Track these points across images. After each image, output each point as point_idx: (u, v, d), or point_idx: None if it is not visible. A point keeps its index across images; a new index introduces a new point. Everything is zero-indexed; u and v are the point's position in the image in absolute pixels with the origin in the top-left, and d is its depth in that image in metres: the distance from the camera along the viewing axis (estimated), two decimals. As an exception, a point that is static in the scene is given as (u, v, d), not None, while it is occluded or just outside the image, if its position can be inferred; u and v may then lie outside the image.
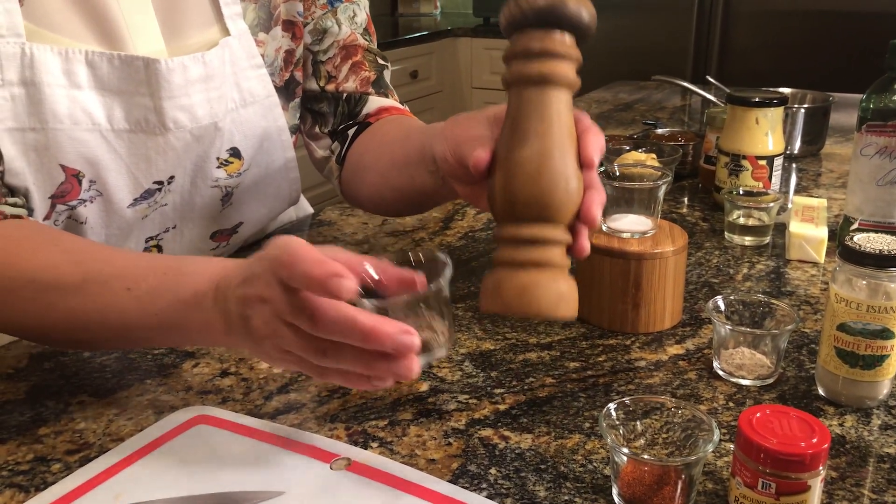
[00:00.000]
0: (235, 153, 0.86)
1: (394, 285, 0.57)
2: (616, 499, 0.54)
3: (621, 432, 0.56)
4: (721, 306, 0.72)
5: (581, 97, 1.95)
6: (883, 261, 0.61)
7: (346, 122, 0.95)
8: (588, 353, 0.74)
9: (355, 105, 0.94)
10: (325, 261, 0.49)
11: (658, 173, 0.83)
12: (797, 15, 2.58)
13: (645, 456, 0.55)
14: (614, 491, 0.54)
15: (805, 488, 0.50)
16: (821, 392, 0.67)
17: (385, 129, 0.91)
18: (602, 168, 0.82)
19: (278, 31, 0.89)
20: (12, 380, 0.70)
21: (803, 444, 0.49)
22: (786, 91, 1.41)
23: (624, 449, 0.53)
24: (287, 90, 0.92)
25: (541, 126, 0.56)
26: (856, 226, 0.91)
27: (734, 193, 1.02)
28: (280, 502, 0.54)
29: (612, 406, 0.56)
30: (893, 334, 0.62)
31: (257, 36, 0.86)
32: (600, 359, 0.73)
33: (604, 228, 0.79)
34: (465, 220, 1.09)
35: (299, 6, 0.90)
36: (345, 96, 0.94)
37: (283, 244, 0.51)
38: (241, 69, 0.84)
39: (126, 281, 0.61)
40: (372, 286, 0.56)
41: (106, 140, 0.75)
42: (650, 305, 0.76)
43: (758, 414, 0.52)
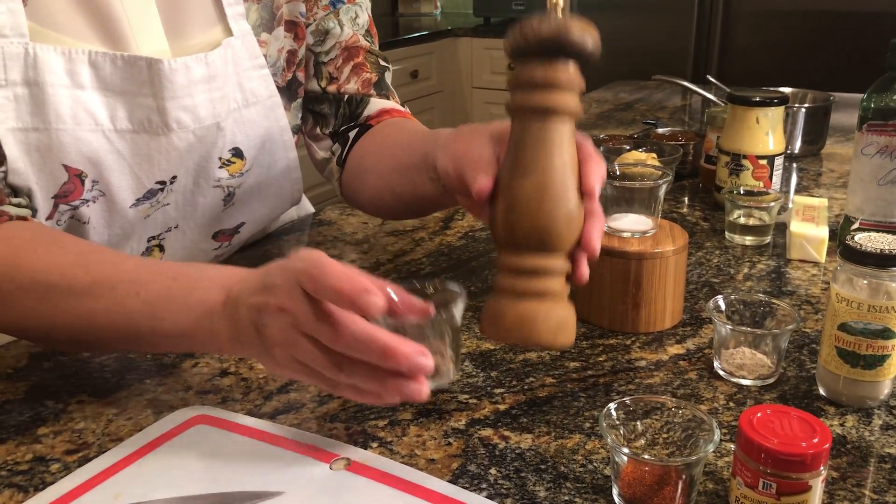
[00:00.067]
0: (238, 153, 0.86)
1: (406, 312, 0.57)
2: (616, 499, 0.54)
3: (622, 432, 0.56)
4: (722, 306, 0.72)
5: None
6: (884, 260, 0.61)
7: (348, 124, 0.95)
8: (588, 353, 0.74)
9: (356, 107, 0.94)
10: (356, 277, 0.50)
11: (658, 173, 0.83)
12: (797, 15, 2.58)
13: (645, 456, 0.54)
14: (615, 491, 0.54)
15: (806, 488, 0.49)
16: (822, 392, 0.67)
17: (386, 133, 0.91)
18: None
19: (281, 32, 0.88)
20: (11, 379, 0.70)
21: (804, 445, 0.49)
22: (786, 90, 1.41)
23: (624, 449, 0.53)
24: (289, 90, 0.92)
25: (542, 158, 0.56)
26: (857, 225, 0.91)
27: (735, 193, 1.02)
28: (279, 502, 0.54)
29: (613, 406, 0.56)
30: (894, 334, 0.62)
31: (260, 36, 0.86)
32: (600, 358, 0.73)
33: (604, 228, 0.79)
34: (466, 220, 1.09)
35: (302, 7, 0.90)
36: (346, 98, 0.94)
37: (310, 257, 0.52)
38: (244, 69, 0.84)
39: (135, 285, 0.62)
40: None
41: (109, 140, 0.75)
42: (650, 305, 0.76)
43: (758, 414, 0.52)
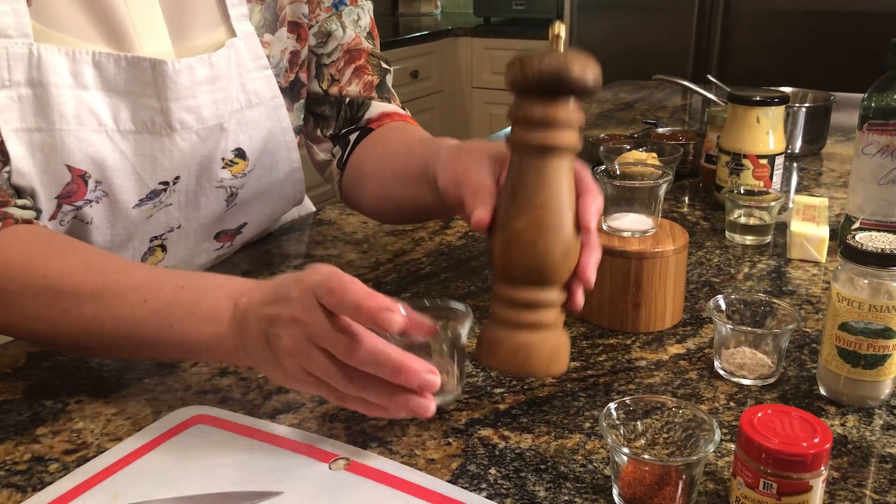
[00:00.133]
0: (240, 154, 0.86)
1: (415, 330, 0.58)
2: (616, 499, 0.54)
3: (622, 432, 0.56)
4: (722, 305, 0.72)
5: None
6: (885, 260, 0.61)
7: (349, 127, 0.95)
8: (588, 353, 0.74)
9: (357, 109, 0.94)
10: (376, 294, 0.51)
11: (659, 172, 0.83)
12: (798, 14, 2.58)
13: (646, 456, 0.54)
14: (615, 491, 0.54)
15: (807, 488, 0.49)
16: (822, 392, 0.67)
17: (387, 139, 0.91)
18: (603, 167, 0.82)
19: (284, 33, 0.88)
20: (10, 379, 0.70)
21: (805, 444, 0.49)
22: (787, 90, 1.41)
23: (624, 449, 0.53)
24: (292, 91, 0.92)
25: (539, 196, 0.56)
26: (857, 225, 0.91)
27: (735, 192, 1.02)
28: (279, 502, 0.53)
29: (613, 406, 0.56)
30: (895, 333, 0.62)
31: (263, 37, 0.86)
32: (600, 358, 0.73)
33: (604, 227, 0.79)
34: (466, 220, 1.09)
35: (304, 8, 0.90)
36: (347, 101, 0.94)
37: (328, 272, 0.53)
38: (247, 70, 0.84)
39: (143, 293, 0.62)
40: None
41: (112, 141, 0.75)
42: (651, 305, 0.76)
43: (759, 414, 0.52)
